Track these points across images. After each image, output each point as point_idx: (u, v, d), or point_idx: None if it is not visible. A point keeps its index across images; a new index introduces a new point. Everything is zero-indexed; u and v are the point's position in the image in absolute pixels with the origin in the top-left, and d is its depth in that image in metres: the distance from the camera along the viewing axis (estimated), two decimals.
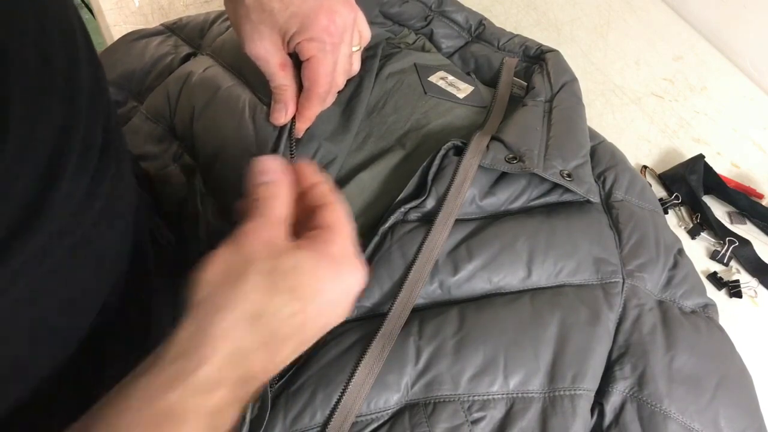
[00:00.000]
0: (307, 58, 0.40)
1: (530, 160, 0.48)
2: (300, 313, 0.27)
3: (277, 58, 0.41)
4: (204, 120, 0.51)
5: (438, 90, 0.60)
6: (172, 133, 0.54)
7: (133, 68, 0.61)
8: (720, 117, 0.80)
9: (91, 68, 0.28)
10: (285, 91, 0.42)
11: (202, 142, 0.50)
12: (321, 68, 0.40)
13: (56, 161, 0.23)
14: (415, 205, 0.47)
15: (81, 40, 0.27)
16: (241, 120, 0.46)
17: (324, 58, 0.40)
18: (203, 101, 0.52)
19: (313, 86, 0.41)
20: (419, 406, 0.40)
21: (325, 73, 0.41)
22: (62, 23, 0.26)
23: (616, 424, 0.42)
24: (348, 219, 0.32)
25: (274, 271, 0.26)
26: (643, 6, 0.95)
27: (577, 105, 0.58)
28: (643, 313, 0.46)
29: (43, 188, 0.23)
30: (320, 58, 0.40)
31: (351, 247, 0.31)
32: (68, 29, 0.26)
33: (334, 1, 0.40)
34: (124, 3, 0.75)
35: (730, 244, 0.63)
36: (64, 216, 0.25)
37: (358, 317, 0.44)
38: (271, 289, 0.26)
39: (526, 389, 0.41)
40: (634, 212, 0.53)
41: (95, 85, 0.28)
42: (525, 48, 0.66)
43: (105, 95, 0.30)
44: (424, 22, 0.68)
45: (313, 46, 0.40)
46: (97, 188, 0.28)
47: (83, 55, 0.27)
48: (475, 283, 0.45)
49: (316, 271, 0.28)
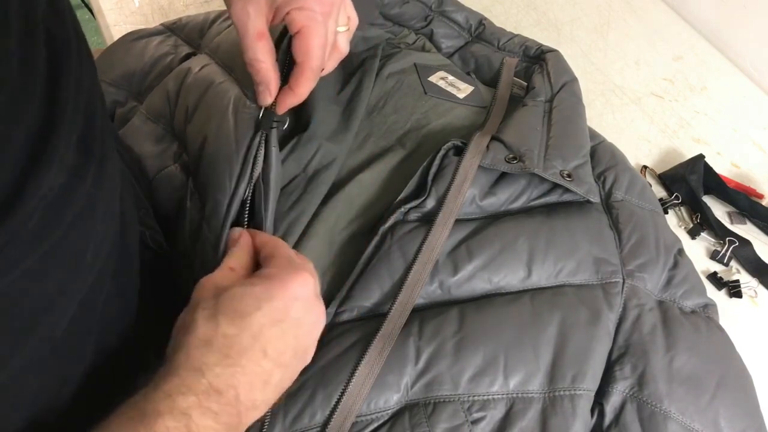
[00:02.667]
0: (298, 29, 0.38)
1: (530, 160, 0.48)
2: (246, 329, 0.32)
3: (257, 24, 0.38)
4: (195, 117, 0.51)
5: (438, 90, 0.60)
6: (172, 132, 0.54)
7: (133, 68, 0.61)
8: (720, 117, 0.80)
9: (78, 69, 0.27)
10: (260, 69, 0.39)
11: (192, 140, 0.50)
12: (314, 39, 0.38)
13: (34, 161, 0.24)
14: (415, 205, 0.47)
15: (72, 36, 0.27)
16: (224, 116, 0.46)
17: (316, 29, 0.38)
18: (195, 99, 0.52)
19: (306, 60, 0.39)
20: (419, 406, 0.40)
21: (318, 44, 0.38)
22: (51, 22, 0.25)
23: (616, 425, 0.42)
24: (282, 245, 0.38)
25: (216, 303, 0.32)
26: (643, 6, 0.95)
27: (577, 105, 0.58)
28: (643, 313, 0.46)
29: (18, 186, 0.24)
30: (312, 28, 0.38)
31: (286, 262, 0.35)
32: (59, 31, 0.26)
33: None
34: (124, 3, 0.75)
35: (730, 244, 0.63)
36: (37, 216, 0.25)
37: (358, 317, 0.44)
38: (215, 317, 0.32)
39: (526, 389, 0.41)
40: (634, 212, 0.53)
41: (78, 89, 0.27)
42: (525, 48, 0.66)
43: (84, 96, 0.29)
44: (424, 22, 0.68)
45: (304, 15, 0.37)
46: (76, 189, 0.28)
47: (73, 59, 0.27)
48: (475, 283, 0.45)
49: (252, 292, 0.33)
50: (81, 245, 0.30)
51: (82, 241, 0.30)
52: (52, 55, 0.26)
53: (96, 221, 0.31)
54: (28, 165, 0.24)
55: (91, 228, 0.30)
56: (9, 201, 0.23)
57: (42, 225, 0.25)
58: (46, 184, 0.25)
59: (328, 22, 0.39)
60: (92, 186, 0.29)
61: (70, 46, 0.27)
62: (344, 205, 0.49)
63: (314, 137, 0.51)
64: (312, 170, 0.49)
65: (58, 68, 0.26)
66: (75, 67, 0.27)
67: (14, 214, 0.23)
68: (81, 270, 0.30)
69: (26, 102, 0.24)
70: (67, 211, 0.27)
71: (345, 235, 0.48)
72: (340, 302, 0.44)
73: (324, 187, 0.49)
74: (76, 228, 0.28)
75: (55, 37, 0.26)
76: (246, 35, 0.38)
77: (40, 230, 0.25)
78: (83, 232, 0.29)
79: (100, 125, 0.31)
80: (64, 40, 0.27)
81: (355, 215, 0.49)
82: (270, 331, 0.32)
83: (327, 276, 0.46)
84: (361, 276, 0.45)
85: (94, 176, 0.29)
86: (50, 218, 0.26)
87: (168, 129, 0.55)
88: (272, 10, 0.38)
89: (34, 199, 0.24)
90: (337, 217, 0.49)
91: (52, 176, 0.25)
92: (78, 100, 0.27)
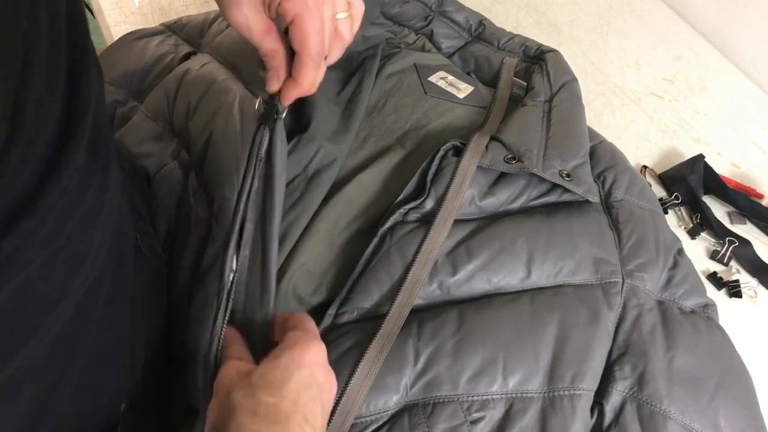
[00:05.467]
0: (291, 19, 0.37)
1: (529, 160, 0.48)
2: (285, 396, 0.33)
3: (261, 23, 0.38)
4: (197, 114, 0.51)
5: (438, 90, 0.60)
6: (171, 130, 0.54)
7: (133, 68, 0.61)
8: (720, 117, 0.80)
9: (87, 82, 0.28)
10: (274, 57, 0.39)
11: (195, 136, 0.50)
12: (308, 26, 0.37)
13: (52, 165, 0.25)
14: (414, 206, 0.47)
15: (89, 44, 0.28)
16: (229, 113, 0.46)
17: (309, 15, 0.37)
18: (198, 96, 0.52)
19: (303, 48, 0.38)
20: (418, 406, 0.40)
21: (314, 30, 0.37)
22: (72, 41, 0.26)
23: (616, 424, 0.42)
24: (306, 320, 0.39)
25: (249, 382, 0.34)
26: (643, 6, 0.95)
27: (576, 105, 0.58)
28: (642, 313, 0.46)
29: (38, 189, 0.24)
30: (305, 15, 0.37)
31: (300, 334, 0.36)
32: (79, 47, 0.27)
33: None
34: (124, 3, 0.75)
35: (730, 244, 0.63)
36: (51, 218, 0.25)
37: (358, 318, 0.44)
38: (253, 394, 0.33)
39: (526, 389, 0.41)
40: (634, 212, 0.53)
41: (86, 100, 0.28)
42: (525, 48, 0.66)
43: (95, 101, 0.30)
44: (425, 22, 0.68)
45: (295, 4, 0.37)
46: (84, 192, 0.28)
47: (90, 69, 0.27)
48: (474, 283, 0.45)
49: (280, 363, 0.34)
50: (83, 247, 0.30)
51: (85, 243, 0.30)
52: (72, 63, 0.26)
53: (98, 224, 0.31)
54: (46, 169, 0.24)
55: (93, 231, 0.31)
56: (27, 203, 0.24)
57: (52, 227, 0.26)
58: (61, 188, 0.25)
59: (322, 8, 0.38)
60: (97, 189, 0.30)
61: (88, 55, 0.28)
62: (344, 205, 0.49)
63: (314, 138, 0.51)
64: (312, 170, 0.49)
65: (77, 76, 0.26)
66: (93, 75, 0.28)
67: (31, 215, 0.24)
68: (81, 272, 0.30)
69: (51, 109, 0.24)
70: (75, 214, 0.28)
71: (345, 235, 0.48)
72: (340, 303, 0.44)
73: (324, 187, 0.49)
74: (80, 231, 0.29)
75: (75, 45, 0.27)
76: (252, 35, 0.38)
77: (50, 232, 0.26)
78: (86, 234, 0.30)
79: (104, 129, 0.31)
80: (83, 49, 0.28)
81: (355, 215, 0.49)
82: (305, 395, 0.34)
83: (327, 276, 0.46)
84: (360, 277, 0.45)
85: (99, 180, 0.30)
86: (60, 220, 0.26)
87: (167, 127, 0.55)
88: (266, 6, 0.38)
89: (50, 202, 0.25)
90: (337, 217, 0.49)
91: (67, 181, 0.26)
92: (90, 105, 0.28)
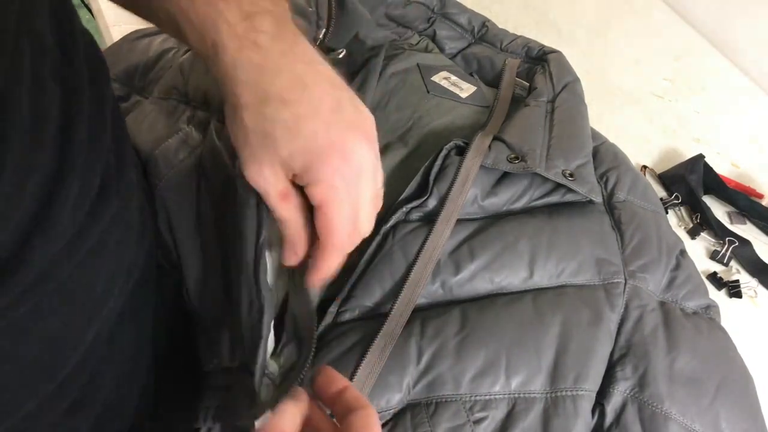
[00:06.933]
0: (318, 204, 0.33)
1: (532, 160, 0.48)
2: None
3: (278, 186, 0.34)
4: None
5: (441, 89, 0.60)
6: (185, 100, 0.53)
7: (136, 63, 0.61)
8: (720, 117, 0.80)
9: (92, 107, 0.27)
10: (289, 226, 0.35)
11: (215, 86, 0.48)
12: (335, 217, 0.34)
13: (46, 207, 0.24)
14: (416, 205, 0.47)
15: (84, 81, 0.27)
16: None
17: (339, 205, 0.33)
18: None
19: (328, 238, 0.34)
20: (421, 406, 0.40)
21: (340, 223, 0.34)
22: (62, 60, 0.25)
23: (617, 425, 0.42)
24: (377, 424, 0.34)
25: None
26: (643, 6, 0.95)
27: (579, 105, 0.58)
28: (645, 313, 0.46)
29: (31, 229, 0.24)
30: (334, 205, 0.33)
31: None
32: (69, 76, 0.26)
33: (351, 135, 0.33)
34: None
35: (730, 244, 0.63)
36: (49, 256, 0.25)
37: (360, 317, 0.44)
38: None
39: (528, 389, 0.41)
40: (637, 213, 0.53)
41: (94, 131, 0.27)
42: (527, 49, 0.66)
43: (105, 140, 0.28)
44: (427, 24, 0.69)
45: (324, 190, 0.33)
46: (91, 229, 0.27)
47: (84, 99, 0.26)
48: (476, 283, 0.45)
49: None
50: (90, 281, 0.29)
51: (92, 277, 0.29)
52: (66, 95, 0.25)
53: (106, 257, 0.30)
54: (40, 211, 0.24)
55: (101, 264, 0.30)
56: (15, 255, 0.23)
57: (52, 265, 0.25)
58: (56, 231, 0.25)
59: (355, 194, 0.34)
60: (110, 223, 0.29)
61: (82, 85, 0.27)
62: None
63: None
64: None
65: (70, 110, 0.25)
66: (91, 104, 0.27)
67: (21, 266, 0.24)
68: (89, 304, 0.30)
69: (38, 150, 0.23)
70: (80, 250, 0.27)
71: None
72: (342, 302, 0.44)
73: None
74: (86, 265, 0.28)
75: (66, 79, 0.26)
76: (269, 197, 0.35)
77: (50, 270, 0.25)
78: (93, 269, 0.29)
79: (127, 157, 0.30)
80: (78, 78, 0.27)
81: None
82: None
83: None
84: (362, 275, 0.45)
85: (113, 215, 0.29)
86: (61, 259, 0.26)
87: (181, 98, 0.53)
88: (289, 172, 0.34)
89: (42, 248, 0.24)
90: None
91: (64, 221, 0.25)
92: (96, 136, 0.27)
